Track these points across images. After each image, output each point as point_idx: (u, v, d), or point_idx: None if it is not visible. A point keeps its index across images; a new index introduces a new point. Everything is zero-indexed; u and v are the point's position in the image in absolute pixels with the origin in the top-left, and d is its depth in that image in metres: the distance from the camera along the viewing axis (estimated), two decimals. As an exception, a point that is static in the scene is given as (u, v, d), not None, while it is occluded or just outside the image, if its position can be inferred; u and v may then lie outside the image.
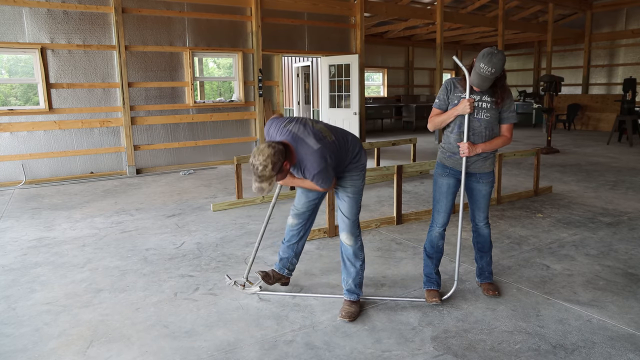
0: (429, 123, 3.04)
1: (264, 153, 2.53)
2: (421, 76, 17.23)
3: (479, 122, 2.85)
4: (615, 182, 6.66)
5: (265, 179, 2.57)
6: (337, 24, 9.74)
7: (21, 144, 7.00)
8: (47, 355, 2.46)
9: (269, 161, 2.52)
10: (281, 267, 3.17)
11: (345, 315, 2.80)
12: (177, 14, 7.94)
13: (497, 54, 2.63)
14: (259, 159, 2.53)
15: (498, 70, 2.64)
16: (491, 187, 3.03)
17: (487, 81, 2.69)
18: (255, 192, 2.65)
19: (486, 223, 3.11)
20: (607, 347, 2.47)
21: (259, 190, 2.62)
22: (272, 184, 2.62)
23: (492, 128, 2.88)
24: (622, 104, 10.87)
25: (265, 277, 3.09)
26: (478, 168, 2.95)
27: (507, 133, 2.93)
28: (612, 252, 3.89)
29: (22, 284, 3.37)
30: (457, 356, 2.41)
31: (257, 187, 2.61)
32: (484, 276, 3.17)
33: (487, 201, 3.06)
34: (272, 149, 2.54)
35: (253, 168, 2.57)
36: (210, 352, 2.48)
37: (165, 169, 8.14)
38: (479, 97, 2.84)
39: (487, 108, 2.84)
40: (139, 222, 4.93)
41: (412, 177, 7.11)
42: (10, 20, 6.71)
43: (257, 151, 2.56)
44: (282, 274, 3.17)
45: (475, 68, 2.69)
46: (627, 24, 14.98)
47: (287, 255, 3.17)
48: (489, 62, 2.62)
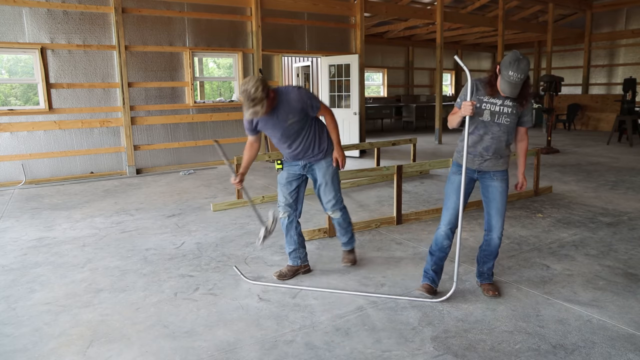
0: (448, 122, 3.08)
1: (253, 79, 2.87)
2: (421, 76, 17.23)
3: (499, 126, 2.87)
4: (615, 182, 6.66)
5: (258, 101, 2.84)
6: (337, 24, 9.74)
7: (21, 144, 7.00)
8: (47, 355, 2.46)
9: (259, 84, 2.83)
10: (293, 259, 3.44)
11: (347, 261, 3.54)
12: (177, 14, 7.94)
13: (523, 60, 2.67)
14: (250, 84, 2.84)
15: (526, 74, 2.70)
16: (506, 185, 3.01)
17: (517, 87, 2.72)
18: (249, 117, 2.93)
19: (500, 235, 3.05)
20: (607, 347, 2.47)
21: (253, 114, 2.88)
22: (264, 107, 2.88)
23: (510, 132, 2.91)
24: (622, 104, 10.87)
25: (280, 276, 3.38)
26: (492, 166, 2.96)
27: (525, 136, 3.02)
28: (612, 252, 3.89)
29: (22, 284, 3.37)
30: (457, 356, 2.41)
31: (251, 111, 2.86)
32: (484, 277, 3.18)
33: (503, 201, 2.99)
34: (257, 77, 2.89)
35: (245, 93, 2.82)
36: (210, 352, 2.48)
37: (165, 169, 8.14)
38: (501, 101, 2.85)
39: (508, 113, 2.86)
40: (139, 222, 4.93)
41: (412, 177, 7.11)
42: (10, 20, 6.71)
43: (245, 80, 2.89)
44: (296, 265, 3.45)
45: (503, 77, 2.71)
46: (627, 24, 14.98)
47: (292, 249, 3.42)
48: (517, 69, 2.65)
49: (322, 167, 3.28)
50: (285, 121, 3.09)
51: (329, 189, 3.32)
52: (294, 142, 3.19)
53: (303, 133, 3.18)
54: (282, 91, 3.09)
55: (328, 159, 3.30)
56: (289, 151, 3.25)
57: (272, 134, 3.19)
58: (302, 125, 3.16)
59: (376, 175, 6.35)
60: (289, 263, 3.48)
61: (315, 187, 3.38)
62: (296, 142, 3.19)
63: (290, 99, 3.07)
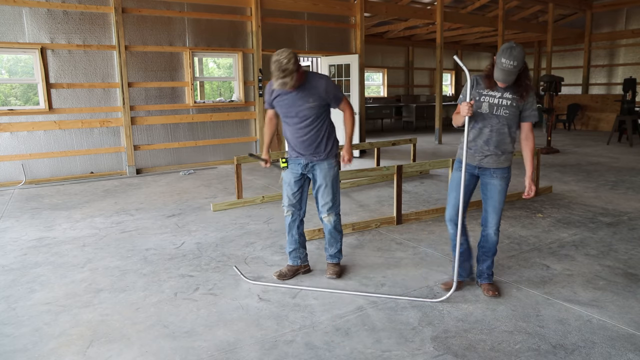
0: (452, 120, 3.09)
1: (286, 51, 2.94)
2: (421, 76, 17.23)
3: (498, 119, 2.86)
4: (615, 182, 6.66)
5: (288, 72, 2.91)
6: (337, 24, 9.74)
7: (21, 144, 7.00)
8: (47, 355, 2.46)
9: (291, 56, 2.91)
10: (293, 259, 3.47)
11: (332, 274, 3.40)
12: (177, 14, 7.94)
13: (516, 47, 2.68)
14: (283, 55, 2.92)
15: (520, 62, 2.68)
16: (506, 183, 2.98)
17: (511, 75, 2.72)
18: (277, 87, 3.00)
19: (496, 230, 3.05)
20: (607, 347, 2.47)
21: (282, 85, 2.95)
22: (293, 80, 2.95)
23: (510, 126, 2.88)
24: (622, 104, 10.87)
25: (280, 276, 3.40)
26: (492, 163, 2.94)
27: (530, 134, 2.93)
28: (612, 252, 3.89)
29: (22, 284, 3.37)
30: (457, 356, 2.41)
31: (281, 82, 2.94)
32: (484, 277, 3.18)
33: (501, 200, 2.98)
34: (290, 50, 2.95)
35: (277, 63, 2.90)
36: (210, 352, 2.48)
37: (165, 169, 8.14)
38: (499, 93, 2.85)
39: (507, 105, 2.84)
40: (139, 222, 4.93)
41: (412, 177, 7.11)
42: (10, 20, 6.71)
43: (279, 52, 2.95)
44: (296, 265, 3.47)
45: (497, 65, 2.73)
46: (627, 24, 14.98)
47: (292, 248, 3.45)
48: (509, 56, 2.66)
49: (324, 168, 3.28)
50: (304, 103, 3.14)
51: (327, 191, 3.30)
52: (303, 129, 3.21)
53: (315, 123, 3.21)
54: (311, 74, 3.19)
55: (330, 160, 3.30)
56: (295, 137, 3.25)
57: (286, 113, 3.23)
58: (317, 113, 3.19)
59: (376, 175, 6.35)
60: (289, 263, 3.49)
61: (314, 188, 3.37)
62: (306, 129, 3.21)
63: (318, 84, 3.15)
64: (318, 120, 3.21)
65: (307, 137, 3.22)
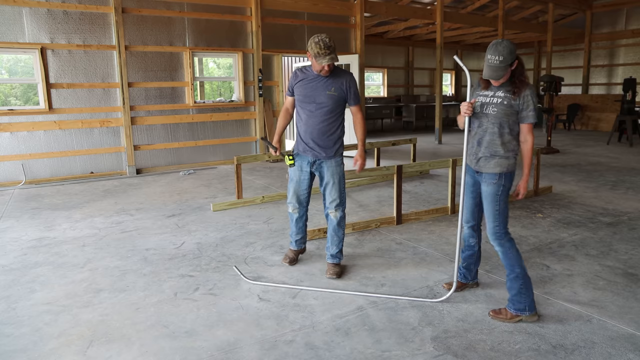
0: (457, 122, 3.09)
1: (322, 34, 3.15)
2: (421, 76, 17.23)
3: (487, 117, 2.78)
4: (615, 182, 6.66)
5: (334, 49, 3.10)
6: (337, 24, 9.74)
7: (21, 144, 7.00)
8: (47, 355, 2.46)
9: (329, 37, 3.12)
10: (299, 244, 3.69)
11: (332, 274, 3.40)
12: (177, 14, 7.94)
13: (502, 42, 2.64)
14: (323, 35, 3.13)
15: (506, 57, 2.60)
16: (495, 191, 2.76)
17: (498, 70, 2.63)
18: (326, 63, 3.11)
19: (495, 239, 2.78)
20: (607, 347, 2.47)
21: (331, 60, 3.09)
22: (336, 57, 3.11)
23: (501, 125, 2.74)
24: (622, 104, 10.87)
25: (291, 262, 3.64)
26: (483, 166, 2.82)
27: (528, 136, 2.75)
28: (612, 252, 3.89)
29: (22, 284, 3.37)
30: (457, 356, 2.41)
31: (329, 57, 3.08)
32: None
33: (489, 208, 2.79)
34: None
35: (322, 42, 3.07)
36: (210, 352, 2.48)
37: (165, 169, 8.14)
38: (492, 92, 2.80)
39: (496, 103, 2.75)
40: (139, 222, 4.93)
41: (412, 177, 7.11)
42: (10, 20, 6.71)
43: (317, 35, 3.15)
44: (299, 249, 3.72)
45: (485, 62, 2.70)
46: (627, 24, 14.98)
47: (300, 236, 3.67)
48: (494, 52, 2.62)
49: (332, 166, 3.36)
50: (325, 90, 3.24)
51: (335, 188, 3.38)
52: (318, 117, 3.28)
53: (331, 114, 3.29)
54: (337, 67, 3.33)
55: (338, 158, 3.38)
56: (308, 125, 3.32)
57: (304, 98, 3.31)
58: (334, 105, 3.28)
59: (376, 175, 6.35)
60: (292, 248, 3.69)
61: (321, 185, 3.44)
62: (319, 118, 3.28)
63: (343, 79, 3.28)
64: (333, 113, 3.30)
65: (317, 127, 3.29)
